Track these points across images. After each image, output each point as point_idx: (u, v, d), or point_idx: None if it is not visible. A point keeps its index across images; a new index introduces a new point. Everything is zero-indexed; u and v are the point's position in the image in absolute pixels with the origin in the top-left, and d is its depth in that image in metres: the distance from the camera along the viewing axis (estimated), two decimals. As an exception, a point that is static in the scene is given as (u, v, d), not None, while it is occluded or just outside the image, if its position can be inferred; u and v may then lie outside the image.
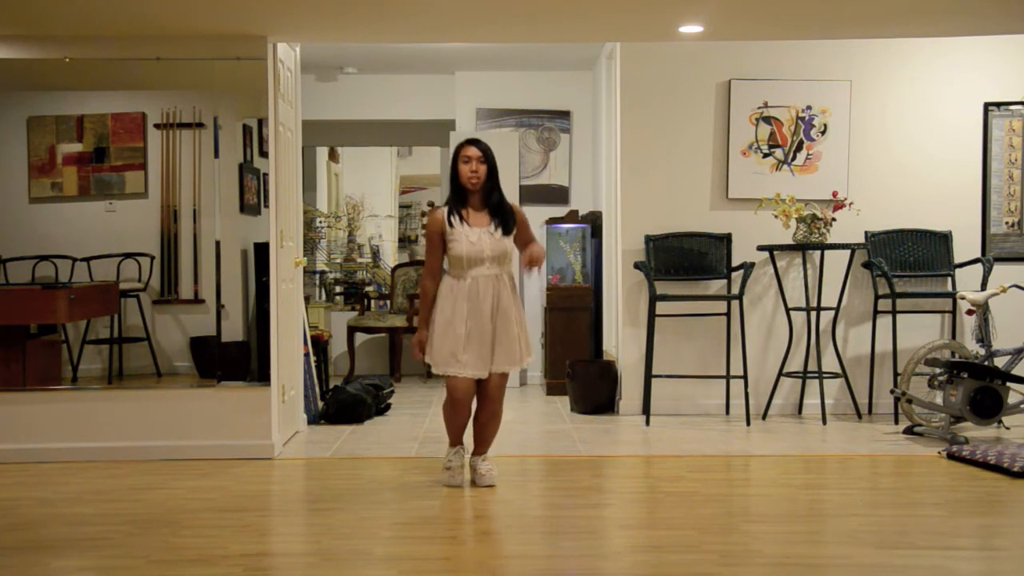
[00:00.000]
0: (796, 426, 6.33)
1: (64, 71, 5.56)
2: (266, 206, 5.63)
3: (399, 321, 8.67)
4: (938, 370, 5.85)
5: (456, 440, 4.75)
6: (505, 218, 4.63)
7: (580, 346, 7.66)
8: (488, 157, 4.64)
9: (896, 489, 4.86)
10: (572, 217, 8.01)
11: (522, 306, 4.73)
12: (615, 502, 4.61)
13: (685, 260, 6.67)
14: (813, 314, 6.50)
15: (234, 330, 5.63)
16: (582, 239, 7.88)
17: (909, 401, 5.87)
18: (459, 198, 4.66)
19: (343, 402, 6.45)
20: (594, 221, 7.92)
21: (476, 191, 4.62)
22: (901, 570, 3.50)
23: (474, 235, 4.57)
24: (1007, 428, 6.09)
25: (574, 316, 7.72)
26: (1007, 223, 6.76)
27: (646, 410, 6.46)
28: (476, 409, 4.72)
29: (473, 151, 4.61)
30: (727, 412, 6.70)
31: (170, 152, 5.69)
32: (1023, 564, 3.67)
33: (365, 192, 12.41)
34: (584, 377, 6.88)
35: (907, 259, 6.66)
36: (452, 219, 4.61)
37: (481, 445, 4.77)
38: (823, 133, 6.69)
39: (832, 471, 5.22)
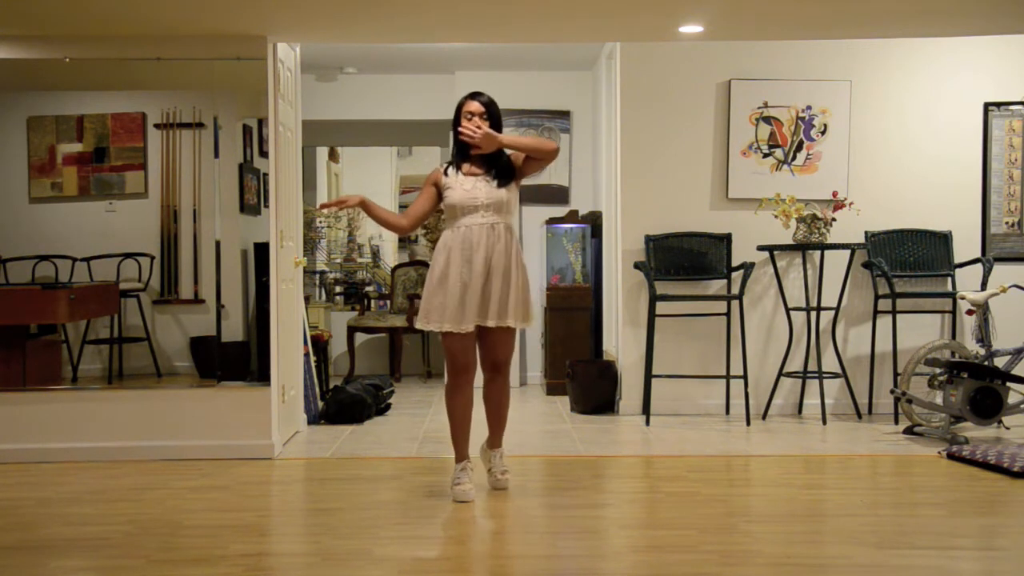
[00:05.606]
0: (796, 426, 6.33)
1: (64, 71, 5.56)
2: (266, 206, 5.63)
3: (399, 321, 8.67)
4: (938, 370, 5.85)
5: (461, 452, 4.50)
6: (504, 170, 4.37)
7: (580, 346, 7.66)
8: (491, 112, 4.37)
9: (896, 489, 4.86)
10: (572, 217, 8.01)
11: (523, 264, 4.42)
12: (615, 502, 4.60)
13: (685, 260, 6.67)
14: (813, 314, 6.50)
15: (234, 330, 5.63)
16: (582, 239, 7.88)
17: (909, 401, 5.87)
18: (463, 155, 4.42)
19: (343, 402, 6.45)
20: (594, 221, 7.92)
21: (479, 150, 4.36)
22: (901, 570, 3.50)
23: (469, 183, 4.36)
24: (1007, 428, 6.09)
25: (574, 316, 7.72)
26: (1007, 223, 6.76)
27: (646, 410, 6.46)
28: (484, 381, 4.56)
29: (475, 106, 4.36)
30: (727, 412, 6.70)
31: (170, 152, 5.69)
32: (1023, 564, 3.67)
33: (365, 192, 12.39)
34: (584, 377, 6.88)
35: (907, 259, 6.66)
36: (450, 170, 4.42)
37: (495, 430, 4.59)
38: (823, 133, 6.69)
39: (832, 471, 5.22)
